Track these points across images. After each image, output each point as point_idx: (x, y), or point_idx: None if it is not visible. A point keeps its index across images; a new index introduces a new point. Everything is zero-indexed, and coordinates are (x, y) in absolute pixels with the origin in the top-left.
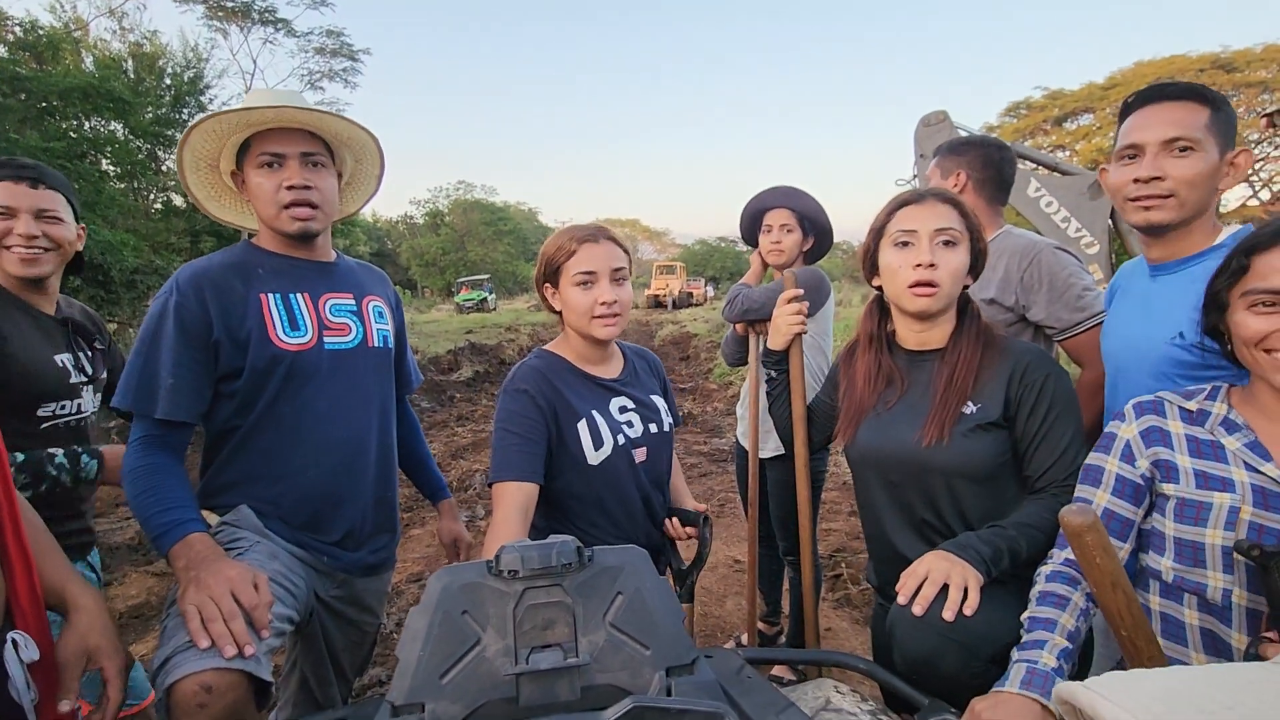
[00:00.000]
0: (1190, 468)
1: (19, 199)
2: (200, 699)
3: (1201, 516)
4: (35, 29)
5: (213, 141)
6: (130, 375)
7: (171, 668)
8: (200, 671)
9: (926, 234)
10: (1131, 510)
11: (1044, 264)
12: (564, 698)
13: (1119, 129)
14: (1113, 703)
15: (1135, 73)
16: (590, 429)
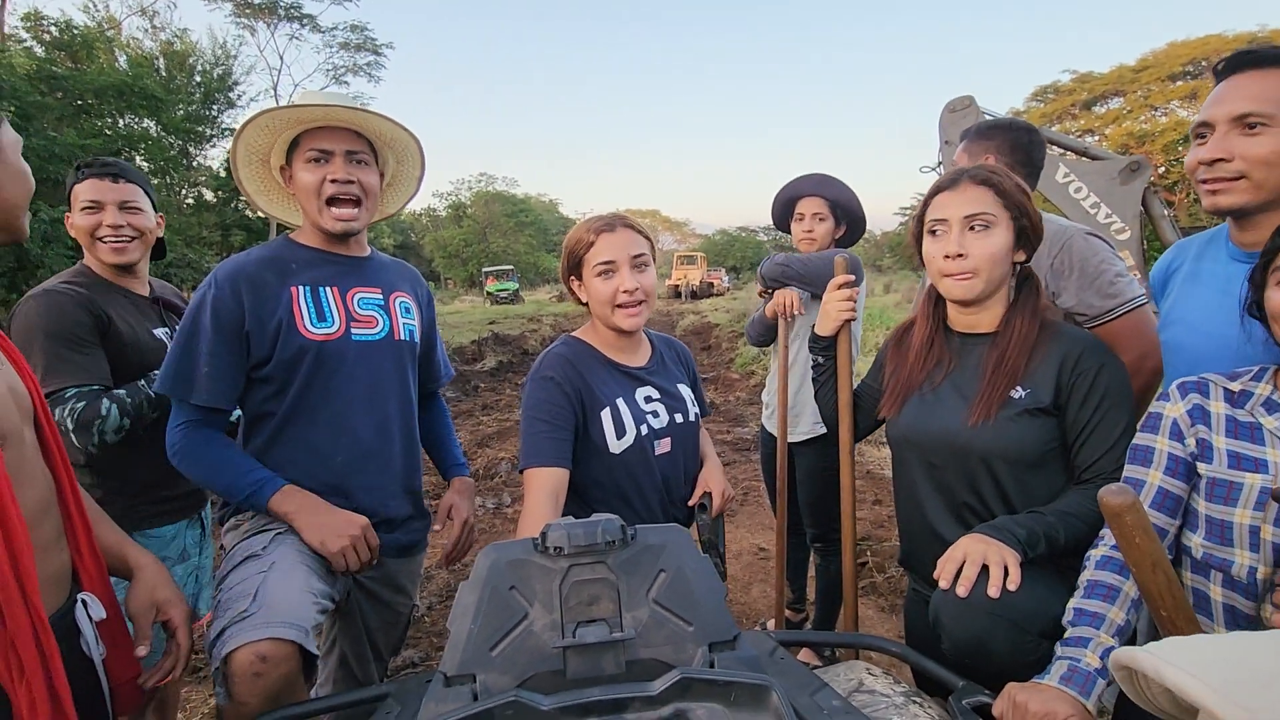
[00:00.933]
0: (1225, 448)
1: (104, 193)
2: (256, 668)
3: (1232, 496)
4: (70, 29)
5: (266, 136)
6: (170, 363)
7: (228, 637)
8: (256, 641)
9: (957, 221)
10: (1182, 488)
11: (1075, 250)
12: (609, 671)
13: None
14: (1178, 667)
15: (1168, 54)
16: (614, 417)
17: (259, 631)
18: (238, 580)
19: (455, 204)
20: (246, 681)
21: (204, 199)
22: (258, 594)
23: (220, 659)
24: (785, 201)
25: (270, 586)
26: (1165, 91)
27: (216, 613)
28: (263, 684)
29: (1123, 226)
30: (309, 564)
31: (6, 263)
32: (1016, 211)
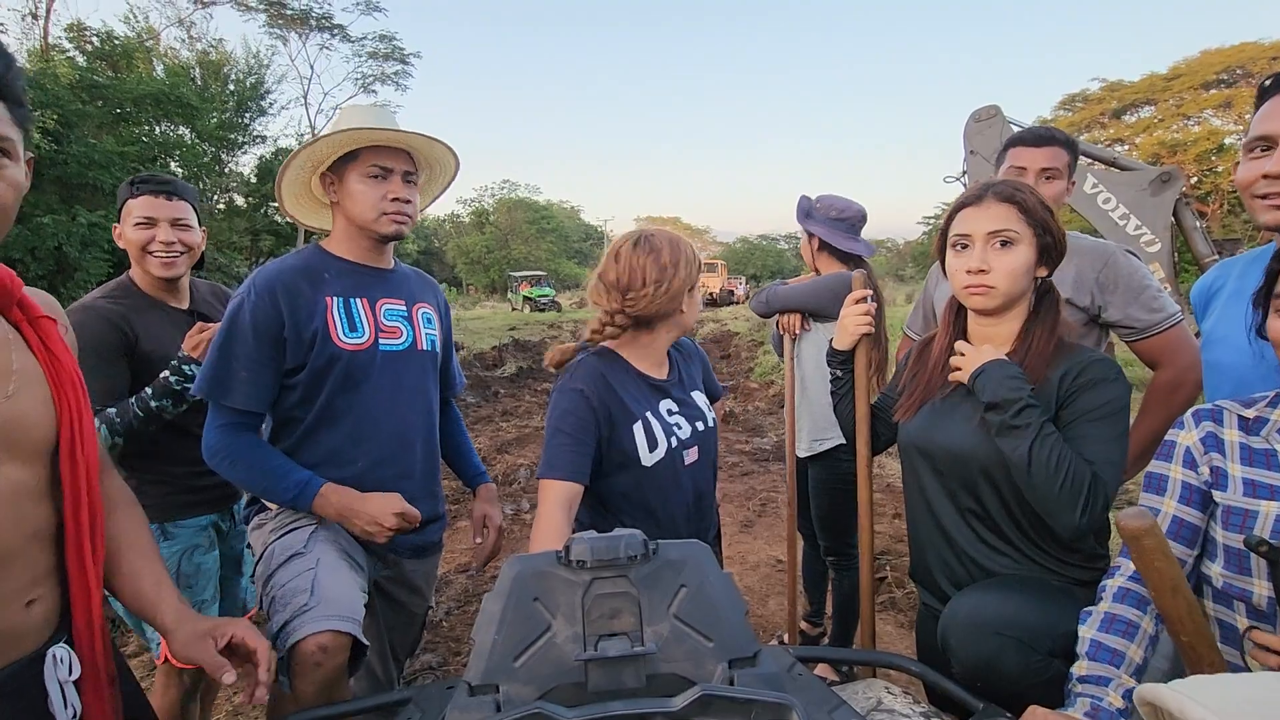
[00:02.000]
0: (1240, 476)
1: (158, 210)
2: (317, 658)
3: (1247, 525)
4: (111, 39)
5: (330, 148)
6: (209, 367)
7: (293, 629)
8: (319, 633)
9: (980, 237)
10: (1199, 517)
11: (1119, 266)
12: (630, 684)
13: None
14: (1203, 706)
15: (1201, 62)
16: (645, 430)
17: (320, 623)
18: (289, 576)
19: (478, 210)
20: (308, 671)
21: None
22: (314, 588)
23: (285, 649)
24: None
25: (323, 581)
26: (1198, 100)
27: (274, 608)
28: (321, 674)
29: (1153, 238)
30: (347, 560)
31: (46, 265)
32: (1040, 228)
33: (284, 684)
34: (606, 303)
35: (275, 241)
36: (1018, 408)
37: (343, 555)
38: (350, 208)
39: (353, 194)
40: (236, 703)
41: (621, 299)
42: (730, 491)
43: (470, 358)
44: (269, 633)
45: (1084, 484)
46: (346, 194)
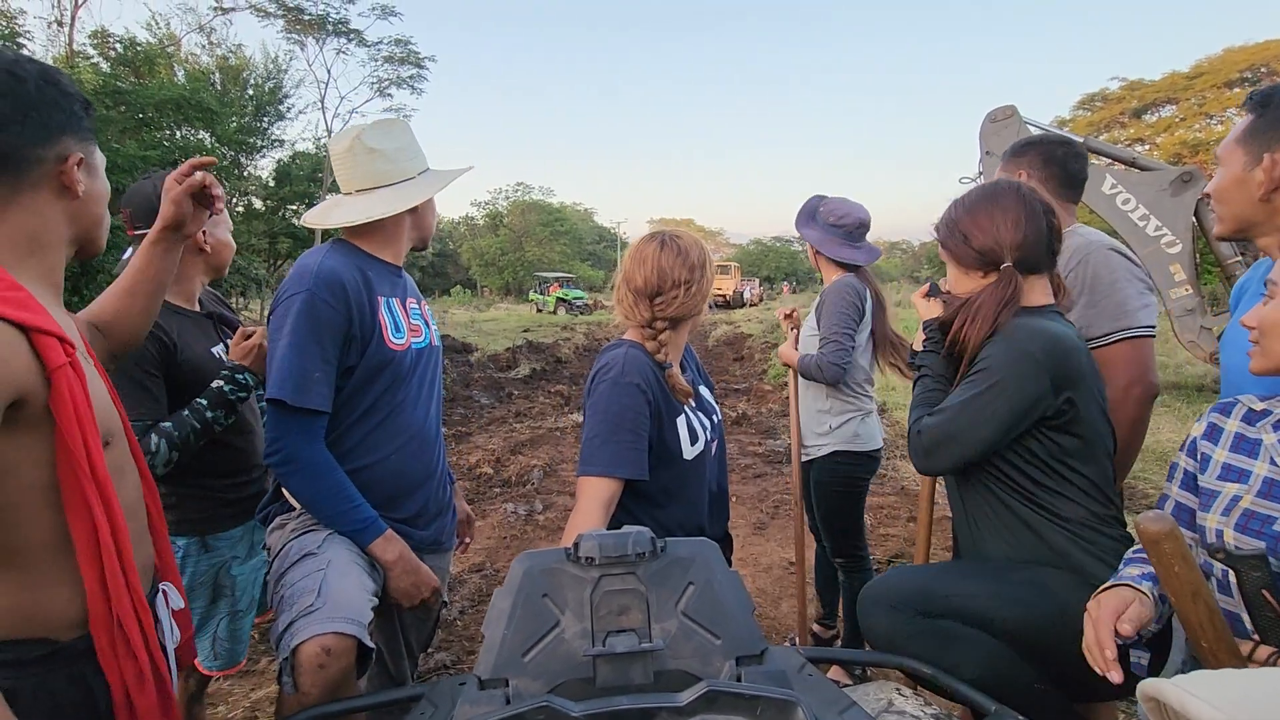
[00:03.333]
0: (1221, 460)
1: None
2: (320, 660)
3: (1207, 503)
4: (134, 46)
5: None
6: (283, 369)
7: (296, 630)
8: (322, 634)
9: None
10: (1194, 500)
11: (1091, 264)
12: (638, 680)
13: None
14: (1203, 700)
15: (1224, 60)
16: (687, 424)
17: (324, 625)
18: (299, 576)
19: (492, 213)
20: (311, 673)
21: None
22: (321, 589)
23: (289, 650)
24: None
25: (331, 582)
26: (1221, 99)
27: (281, 607)
28: (325, 675)
29: (1173, 239)
30: (360, 562)
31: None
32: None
33: (288, 685)
34: (636, 314)
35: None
36: (922, 351)
37: (356, 558)
38: (426, 219)
39: (432, 207)
40: (255, 699)
41: (651, 305)
42: (743, 493)
43: (484, 359)
44: (274, 632)
45: (912, 423)
46: (428, 207)
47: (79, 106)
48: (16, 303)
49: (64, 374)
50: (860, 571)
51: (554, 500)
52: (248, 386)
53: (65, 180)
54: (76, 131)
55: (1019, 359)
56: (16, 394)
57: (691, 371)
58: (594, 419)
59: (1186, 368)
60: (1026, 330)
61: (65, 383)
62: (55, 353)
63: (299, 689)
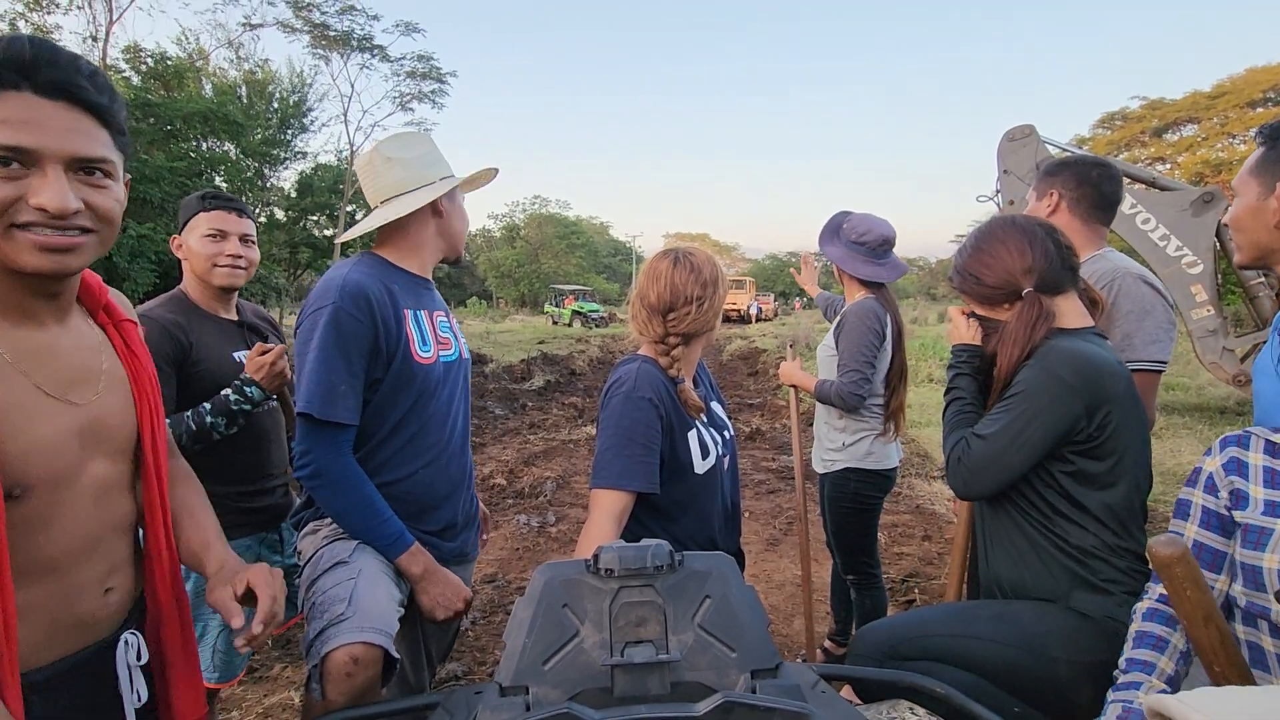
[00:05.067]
0: (1261, 497)
1: (230, 225)
2: (348, 669)
3: (1262, 541)
4: (164, 60)
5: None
6: (313, 382)
7: (327, 638)
8: (351, 644)
9: None
10: (1222, 542)
11: (1115, 291)
12: (654, 691)
13: None
14: (1204, 714)
15: (1247, 79)
16: (698, 438)
17: (354, 635)
18: (330, 584)
19: (509, 225)
20: (339, 681)
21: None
22: (352, 598)
23: (319, 658)
24: None
25: (361, 592)
26: (1244, 119)
27: (312, 614)
28: (351, 684)
29: (1194, 260)
30: (388, 571)
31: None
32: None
33: (315, 692)
34: (650, 330)
35: (313, 254)
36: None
37: (384, 567)
38: (454, 225)
39: (462, 213)
40: (267, 705)
41: (664, 321)
42: (756, 509)
43: (499, 370)
44: (305, 639)
45: (951, 448)
46: (455, 213)
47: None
48: None
49: None
50: (872, 589)
51: (566, 512)
52: (252, 400)
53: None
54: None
55: (1051, 382)
56: None
57: (704, 387)
58: (606, 432)
59: (1209, 389)
60: (1059, 353)
61: None
62: None
63: (326, 697)
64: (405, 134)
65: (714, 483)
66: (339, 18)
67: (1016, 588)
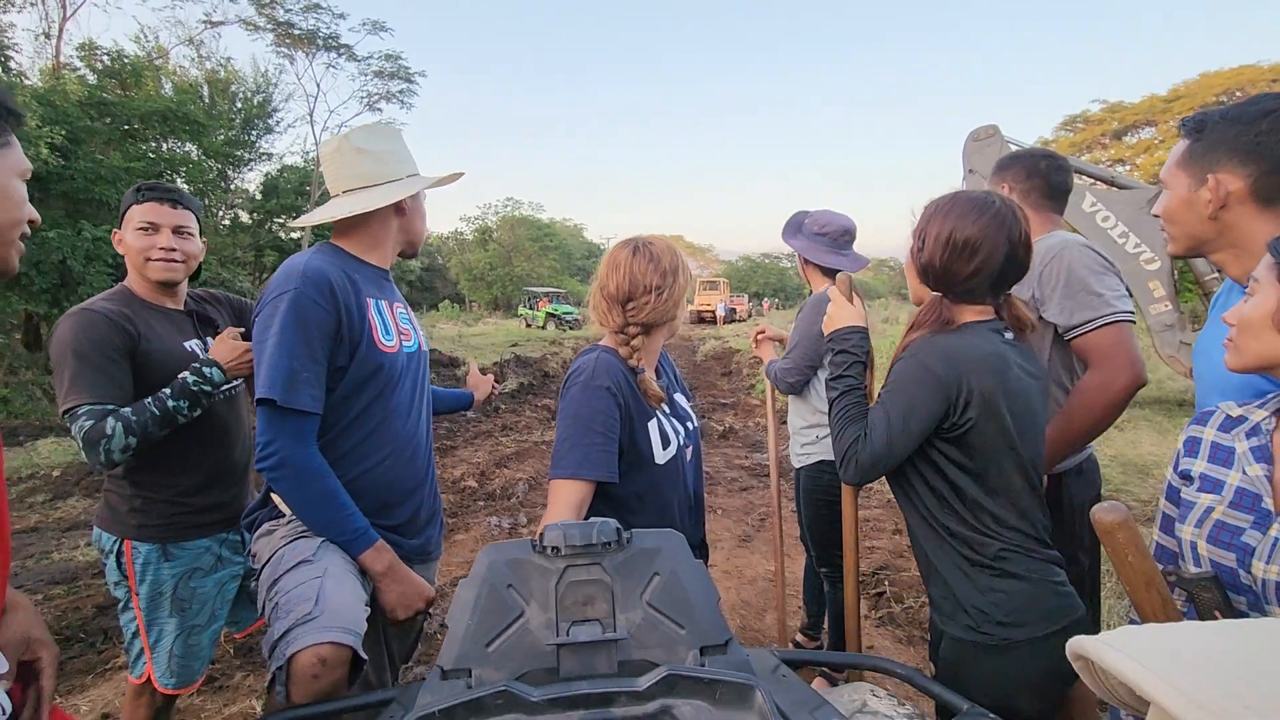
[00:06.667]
0: (1200, 471)
1: (162, 217)
2: (315, 670)
3: (1183, 515)
4: (121, 58)
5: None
6: (272, 369)
7: (293, 638)
8: (319, 644)
9: None
10: (1175, 512)
11: (1065, 259)
12: (602, 670)
13: None
14: (1119, 651)
15: (1201, 84)
16: (659, 428)
17: (321, 635)
18: (295, 583)
19: (482, 228)
20: (305, 683)
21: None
22: (319, 597)
23: (284, 659)
24: None
25: (329, 591)
26: None
27: (275, 614)
28: (318, 686)
29: (1152, 256)
30: (354, 570)
31: (50, 279)
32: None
33: (280, 694)
34: (610, 320)
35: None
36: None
37: (350, 566)
38: (415, 223)
39: (422, 211)
40: (227, 714)
41: (623, 311)
42: (729, 506)
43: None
44: (269, 639)
45: (848, 444)
46: (417, 212)
47: None
48: None
49: None
50: (843, 582)
51: (538, 513)
52: (212, 381)
53: None
54: None
55: (922, 374)
56: None
57: (667, 378)
58: (565, 422)
59: (1167, 383)
60: (932, 346)
61: None
62: None
63: (290, 699)
64: (376, 126)
65: (676, 474)
66: (304, 15)
67: (922, 569)
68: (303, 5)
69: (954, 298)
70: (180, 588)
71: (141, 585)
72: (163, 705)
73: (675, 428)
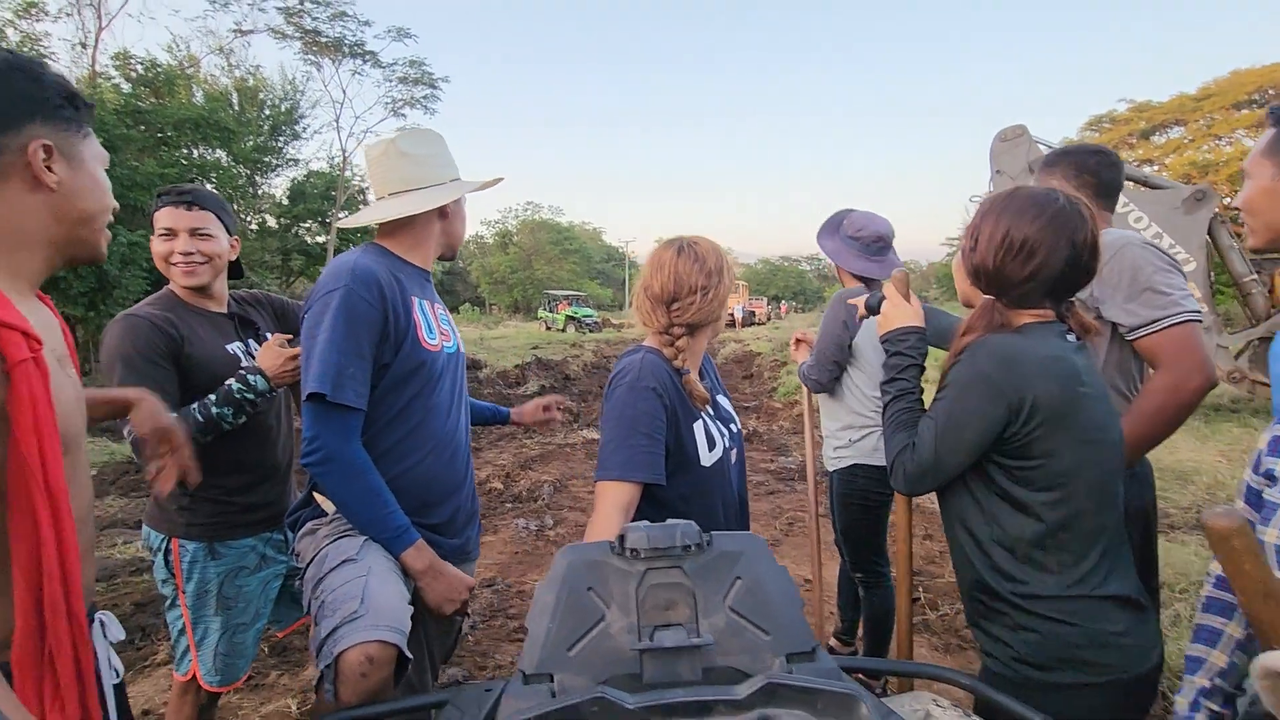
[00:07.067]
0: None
1: (178, 220)
2: (363, 668)
3: (1266, 517)
4: (155, 67)
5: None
6: (322, 364)
7: (340, 637)
8: (366, 642)
9: None
10: (1255, 515)
11: (1127, 258)
12: (685, 677)
13: None
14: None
15: (1232, 82)
16: (704, 429)
17: (368, 633)
18: (340, 582)
19: (502, 232)
20: (353, 682)
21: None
22: (364, 596)
23: (331, 658)
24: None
25: (374, 589)
26: (1230, 120)
27: (321, 613)
28: (366, 685)
29: (1187, 257)
30: (397, 569)
31: (87, 283)
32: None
33: (328, 693)
34: (654, 320)
35: (305, 261)
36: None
37: (393, 565)
38: (456, 226)
39: (463, 215)
40: (264, 712)
41: (668, 311)
42: (756, 510)
43: (494, 375)
44: (315, 639)
45: (897, 451)
46: (459, 215)
47: (57, 95)
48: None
49: (24, 370)
50: (879, 588)
51: (565, 515)
52: (256, 389)
53: (33, 170)
54: (51, 120)
55: (978, 381)
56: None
57: (710, 379)
58: (610, 423)
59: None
60: (989, 348)
61: (25, 379)
62: (17, 347)
63: (339, 698)
64: (421, 131)
65: (722, 476)
66: (330, 24)
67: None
68: (329, 13)
69: (1008, 302)
70: (226, 586)
71: (188, 583)
72: (207, 702)
73: (720, 429)
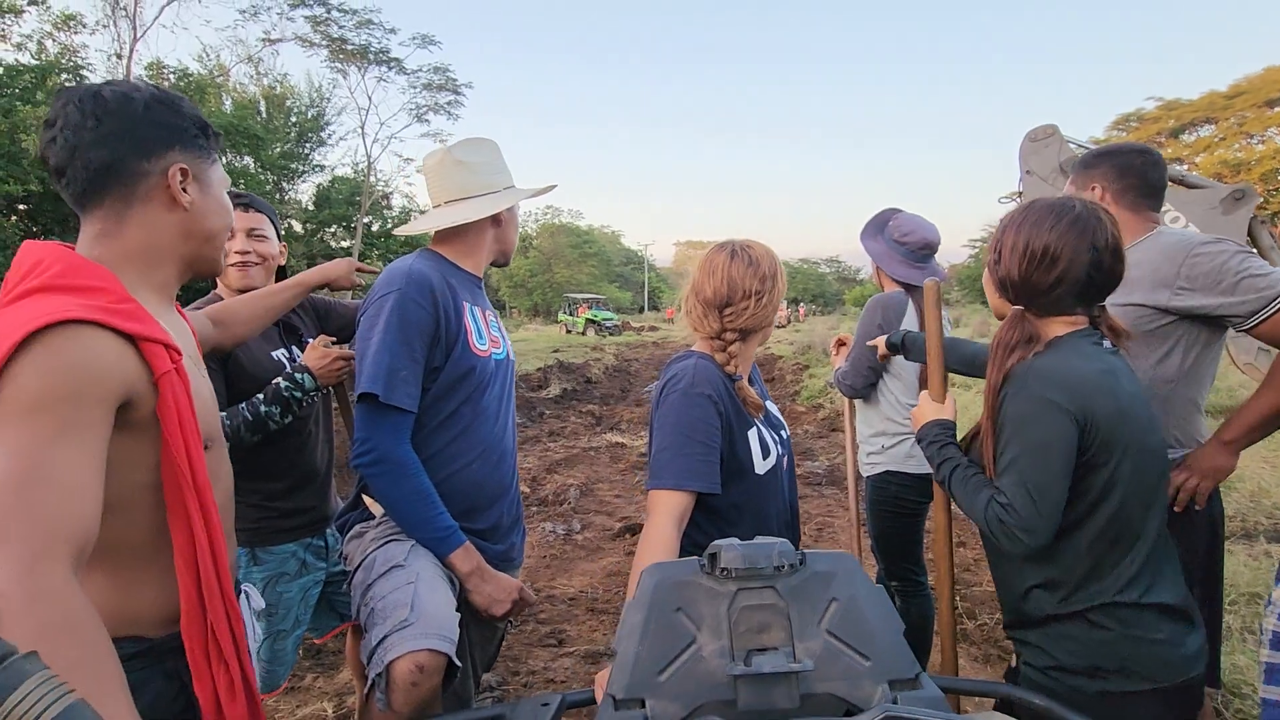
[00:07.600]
0: None
1: (235, 221)
2: (414, 677)
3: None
4: (186, 76)
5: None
6: (376, 365)
7: (390, 645)
8: (416, 651)
9: None
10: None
11: (1207, 255)
12: (781, 705)
13: None
14: None
15: (1265, 79)
16: (759, 437)
17: (418, 642)
18: (389, 589)
19: (522, 236)
20: (405, 690)
21: (293, 230)
22: (414, 604)
23: (383, 665)
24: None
25: (423, 597)
26: (1262, 118)
27: (371, 620)
28: (417, 694)
29: None
30: (444, 575)
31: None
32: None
33: (380, 701)
34: (705, 325)
35: None
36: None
37: (440, 571)
38: (509, 233)
39: (515, 223)
40: (300, 716)
41: (720, 316)
42: None
43: (516, 379)
44: (366, 646)
45: (984, 512)
46: (511, 222)
47: (192, 125)
48: (126, 314)
49: (169, 380)
50: (915, 596)
51: (591, 520)
52: (303, 387)
53: (171, 192)
54: (188, 148)
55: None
56: (124, 397)
57: (759, 386)
58: (664, 430)
59: (1239, 391)
60: (1039, 373)
61: (170, 389)
62: (161, 360)
63: (391, 706)
64: (476, 139)
65: (774, 484)
66: (356, 31)
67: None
68: (355, 21)
69: (1038, 311)
70: (267, 593)
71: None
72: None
73: (772, 436)
